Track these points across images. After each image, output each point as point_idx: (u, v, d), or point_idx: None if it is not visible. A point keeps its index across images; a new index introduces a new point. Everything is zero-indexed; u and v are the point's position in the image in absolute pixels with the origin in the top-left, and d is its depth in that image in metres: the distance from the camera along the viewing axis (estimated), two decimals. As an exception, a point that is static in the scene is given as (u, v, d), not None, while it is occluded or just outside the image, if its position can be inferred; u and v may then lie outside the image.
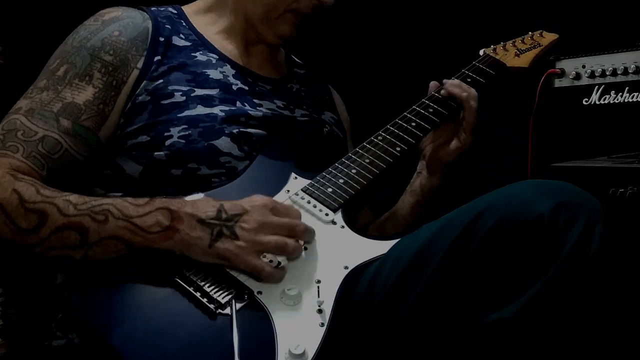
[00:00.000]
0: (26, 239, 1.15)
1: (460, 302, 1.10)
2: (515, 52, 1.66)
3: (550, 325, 1.04)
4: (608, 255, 1.06)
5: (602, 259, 1.04)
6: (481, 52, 1.66)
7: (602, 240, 1.04)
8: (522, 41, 1.70)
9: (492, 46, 1.68)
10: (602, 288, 1.07)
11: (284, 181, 1.34)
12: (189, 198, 1.21)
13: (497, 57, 1.63)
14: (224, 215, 1.15)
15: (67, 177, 1.28)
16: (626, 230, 1.40)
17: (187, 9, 1.54)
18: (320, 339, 1.08)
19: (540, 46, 1.69)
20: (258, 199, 1.18)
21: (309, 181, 1.33)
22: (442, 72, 1.55)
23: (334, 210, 1.27)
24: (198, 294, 1.11)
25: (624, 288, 1.35)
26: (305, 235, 1.19)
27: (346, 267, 1.19)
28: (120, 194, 1.31)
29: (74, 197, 1.17)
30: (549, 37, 1.72)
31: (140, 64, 1.36)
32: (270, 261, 1.15)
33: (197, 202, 1.18)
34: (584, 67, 1.66)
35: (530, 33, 1.73)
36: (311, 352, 1.06)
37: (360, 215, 1.62)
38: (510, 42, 1.69)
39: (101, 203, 1.17)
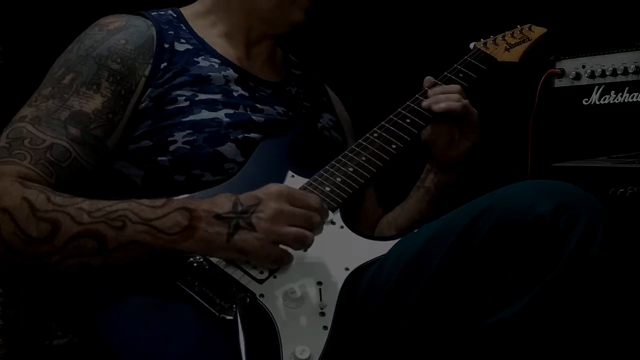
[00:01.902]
0: (39, 248, 1.11)
1: (461, 303, 1.10)
2: (505, 46, 1.64)
3: (551, 325, 1.04)
4: (608, 255, 1.06)
5: (602, 259, 1.04)
6: (471, 46, 1.64)
7: (603, 241, 1.04)
8: (512, 35, 1.67)
9: (482, 40, 1.65)
10: (602, 288, 1.07)
11: (281, 180, 1.32)
12: (206, 195, 1.18)
13: (488, 51, 1.61)
14: (239, 208, 1.12)
15: (74, 187, 1.24)
16: (626, 230, 1.40)
17: (185, 11, 1.51)
18: (324, 343, 1.07)
19: (529, 40, 1.67)
20: (273, 187, 1.15)
21: (306, 179, 1.32)
22: (435, 65, 1.54)
23: (333, 210, 1.26)
24: (200, 298, 1.11)
25: (624, 288, 1.35)
26: (319, 229, 1.14)
27: (347, 269, 1.18)
28: None
29: (86, 204, 1.12)
30: (538, 31, 1.70)
31: (147, 72, 1.35)
32: None
33: (215, 198, 1.14)
34: (584, 67, 1.66)
35: (519, 27, 1.71)
36: (316, 355, 1.05)
37: (372, 213, 1.62)
38: (500, 35, 1.67)
39: (116, 209, 1.12)
